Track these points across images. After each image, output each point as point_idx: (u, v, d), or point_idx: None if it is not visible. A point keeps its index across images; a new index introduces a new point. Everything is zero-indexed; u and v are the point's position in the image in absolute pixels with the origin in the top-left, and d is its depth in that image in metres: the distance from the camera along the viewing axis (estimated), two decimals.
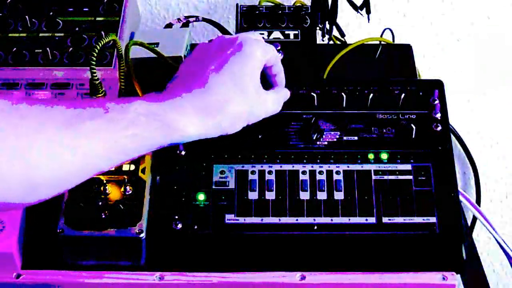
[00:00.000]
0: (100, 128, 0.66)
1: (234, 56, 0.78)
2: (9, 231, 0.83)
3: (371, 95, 0.91)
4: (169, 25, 1.09)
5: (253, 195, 0.85)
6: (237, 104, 0.76)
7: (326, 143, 0.89)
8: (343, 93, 0.91)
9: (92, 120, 0.66)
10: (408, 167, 0.87)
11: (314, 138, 0.88)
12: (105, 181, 0.84)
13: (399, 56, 1.09)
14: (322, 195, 0.85)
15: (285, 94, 0.86)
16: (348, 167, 0.87)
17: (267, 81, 0.85)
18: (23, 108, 0.63)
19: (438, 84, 0.93)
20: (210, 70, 0.77)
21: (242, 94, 0.77)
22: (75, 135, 0.64)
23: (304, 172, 0.86)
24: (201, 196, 0.85)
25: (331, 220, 0.84)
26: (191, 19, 1.11)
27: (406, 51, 1.09)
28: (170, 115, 0.72)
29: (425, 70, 1.28)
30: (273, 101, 0.83)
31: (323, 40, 1.10)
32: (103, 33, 1.00)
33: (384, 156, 0.87)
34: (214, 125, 0.75)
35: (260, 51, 0.80)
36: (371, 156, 0.87)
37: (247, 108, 0.78)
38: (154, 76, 0.96)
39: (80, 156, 0.65)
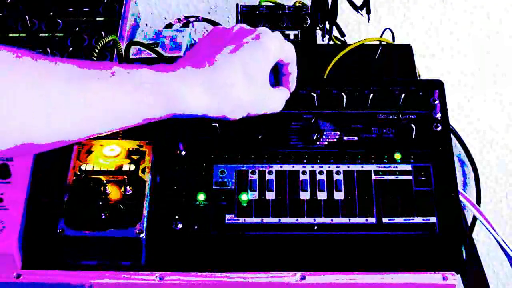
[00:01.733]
0: (103, 90, 0.66)
1: (249, 44, 0.78)
2: (9, 231, 0.83)
3: (371, 95, 0.91)
4: (169, 25, 1.09)
5: (253, 195, 0.85)
6: (242, 91, 0.76)
7: (326, 143, 0.89)
8: (343, 93, 0.91)
9: (97, 81, 0.66)
10: (408, 167, 0.87)
11: (314, 138, 0.88)
12: (105, 181, 0.84)
13: (399, 56, 1.09)
14: (322, 195, 0.85)
15: (287, 94, 0.86)
16: (348, 167, 0.87)
17: (277, 78, 0.85)
18: (27, 61, 0.63)
19: (438, 84, 0.93)
20: (223, 52, 0.76)
21: (248, 82, 0.77)
22: (77, 94, 0.64)
23: (304, 172, 0.86)
24: (201, 196, 0.85)
25: (331, 220, 0.84)
26: (191, 19, 1.11)
27: (406, 51, 1.09)
28: (175, 85, 0.72)
29: (425, 70, 1.28)
30: (276, 99, 0.83)
31: (323, 40, 1.10)
32: (103, 33, 1.00)
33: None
34: (215, 105, 0.75)
35: (276, 45, 0.79)
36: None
37: (251, 98, 0.78)
38: None
39: (78, 115, 0.65)
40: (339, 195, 0.85)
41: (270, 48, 0.79)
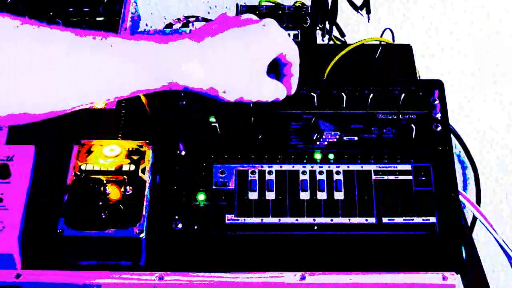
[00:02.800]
0: (101, 60, 0.67)
1: (255, 30, 0.77)
2: (9, 231, 0.83)
3: (371, 95, 0.91)
4: (169, 25, 1.09)
5: (253, 195, 0.85)
6: (239, 71, 0.76)
7: (326, 143, 0.89)
8: (343, 93, 0.91)
9: (96, 51, 0.66)
10: (408, 167, 0.87)
11: (314, 138, 0.88)
12: (105, 181, 0.84)
13: (399, 56, 1.09)
14: (322, 195, 0.85)
15: (283, 90, 0.85)
16: (348, 167, 0.87)
17: (277, 78, 0.85)
18: (27, 29, 0.63)
19: (438, 84, 0.93)
20: (227, 30, 0.76)
21: (247, 64, 0.76)
22: (76, 63, 0.65)
23: (304, 172, 0.86)
24: (201, 196, 0.85)
25: (331, 220, 0.84)
26: (191, 19, 1.11)
27: (406, 51, 1.09)
28: (172, 55, 0.72)
29: (425, 70, 1.28)
30: (271, 90, 0.81)
31: (323, 40, 1.10)
32: None
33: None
34: (211, 80, 0.74)
35: (281, 37, 0.79)
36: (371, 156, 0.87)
37: (246, 80, 0.77)
38: None
39: (75, 84, 0.65)
40: (339, 195, 0.85)
41: (275, 37, 0.78)
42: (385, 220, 0.84)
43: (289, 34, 1.01)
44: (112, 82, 0.68)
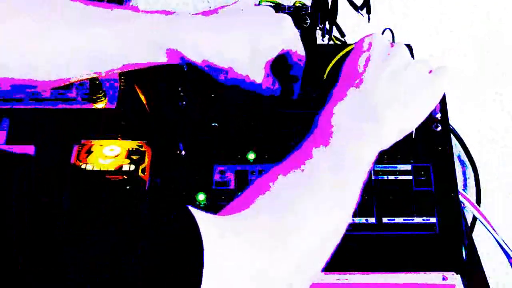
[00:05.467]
0: (104, 35, 0.67)
1: (268, 14, 0.76)
2: None
3: None
4: None
5: None
6: (240, 52, 0.73)
7: None
8: None
9: (101, 26, 0.67)
10: (408, 167, 0.87)
11: None
12: None
13: None
14: None
15: (276, 90, 0.83)
16: None
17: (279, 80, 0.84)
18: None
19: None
20: (237, 9, 0.75)
21: (250, 48, 0.74)
22: (77, 36, 0.66)
23: None
24: (201, 196, 0.85)
25: None
26: None
27: None
28: (176, 23, 0.71)
29: None
30: (268, 82, 0.80)
31: (323, 40, 1.10)
32: None
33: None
34: (209, 51, 0.72)
35: (292, 32, 0.77)
36: None
37: (244, 63, 0.74)
38: (154, 76, 0.96)
39: (80, 53, 0.67)
40: None
41: (287, 32, 0.76)
42: (385, 220, 0.84)
43: None
44: (110, 52, 0.68)
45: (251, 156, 0.86)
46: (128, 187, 0.83)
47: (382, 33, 1.08)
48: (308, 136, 0.66)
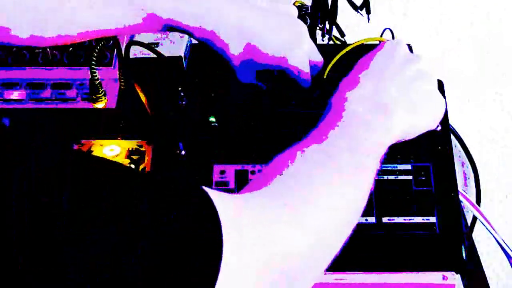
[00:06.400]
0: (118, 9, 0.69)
1: (286, 20, 0.76)
2: None
3: None
4: None
5: None
6: (234, 33, 0.73)
7: None
8: None
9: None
10: (408, 167, 0.87)
11: None
12: None
13: None
14: None
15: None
16: None
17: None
18: None
19: (438, 84, 0.93)
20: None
21: (247, 37, 0.74)
22: (94, 14, 0.68)
23: None
24: None
25: None
26: None
27: None
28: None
29: None
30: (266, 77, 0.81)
31: (323, 40, 1.10)
32: None
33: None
34: (203, 19, 0.72)
35: (304, 35, 0.77)
36: None
37: (238, 43, 0.74)
38: (154, 76, 0.96)
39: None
40: None
41: (294, 52, 0.76)
42: (385, 220, 0.84)
43: None
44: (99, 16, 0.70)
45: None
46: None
47: (382, 34, 1.08)
48: (322, 118, 0.67)
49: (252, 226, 0.54)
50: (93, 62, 0.89)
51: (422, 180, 0.86)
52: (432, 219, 0.84)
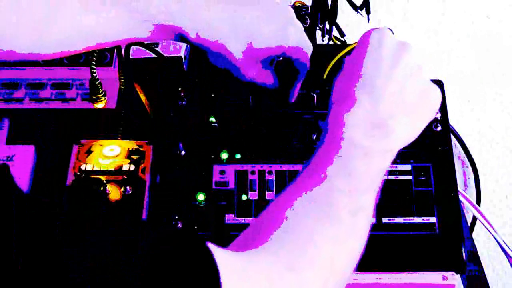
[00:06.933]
0: (115, 15, 0.68)
1: (275, 20, 0.74)
2: None
3: None
4: None
5: (253, 195, 0.85)
6: (237, 32, 0.72)
7: None
8: None
9: (111, 5, 0.68)
10: (408, 167, 0.87)
11: (314, 138, 0.88)
12: (105, 181, 0.84)
13: None
14: None
15: (267, 79, 0.80)
16: None
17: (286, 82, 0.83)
18: None
19: (438, 84, 0.93)
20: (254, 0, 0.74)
21: (249, 35, 0.72)
22: (90, 14, 0.67)
23: None
24: (201, 196, 0.85)
25: None
26: None
27: None
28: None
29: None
30: (262, 76, 0.79)
31: (323, 40, 1.10)
32: None
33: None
34: (213, 27, 0.71)
35: (294, 39, 0.74)
36: None
37: (242, 43, 0.72)
38: (154, 76, 0.96)
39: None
40: None
41: (291, 36, 0.74)
42: (385, 220, 0.84)
43: None
44: (112, 30, 0.69)
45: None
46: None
47: None
48: (320, 145, 0.64)
49: None
50: (93, 62, 0.89)
51: (422, 180, 0.86)
52: (432, 219, 0.84)
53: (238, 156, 0.87)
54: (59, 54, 0.69)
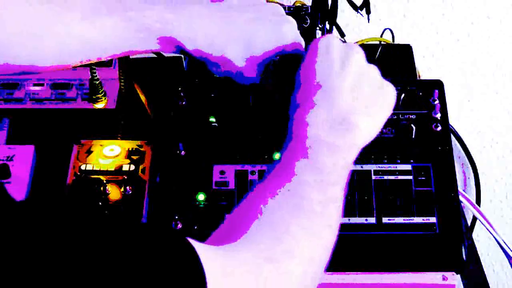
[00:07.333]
0: (115, 26, 0.68)
1: (270, 20, 0.73)
2: None
3: None
4: None
5: None
6: (235, 38, 0.72)
7: None
8: None
9: (111, 16, 0.68)
10: (408, 167, 0.87)
11: None
12: (105, 181, 0.84)
13: (399, 56, 1.09)
14: None
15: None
16: None
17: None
18: None
19: (438, 84, 0.93)
20: (245, 4, 0.73)
21: (246, 39, 0.72)
22: (88, 30, 0.67)
23: None
24: (201, 196, 0.85)
25: None
26: None
27: (406, 51, 1.09)
28: (182, 13, 0.70)
29: (425, 70, 1.28)
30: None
31: None
32: None
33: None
34: (212, 39, 0.71)
35: (290, 37, 0.74)
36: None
37: (241, 48, 0.72)
38: (154, 76, 0.96)
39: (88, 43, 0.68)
40: None
41: (286, 34, 0.74)
42: (385, 220, 0.84)
43: None
44: (113, 42, 0.69)
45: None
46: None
47: (382, 34, 1.08)
48: (285, 147, 0.67)
49: (239, 285, 0.55)
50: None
51: (422, 180, 0.86)
52: (432, 219, 0.84)
53: (238, 156, 0.87)
54: (56, 67, 0.69)
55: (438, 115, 0.90)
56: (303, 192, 0.63)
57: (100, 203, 0.82)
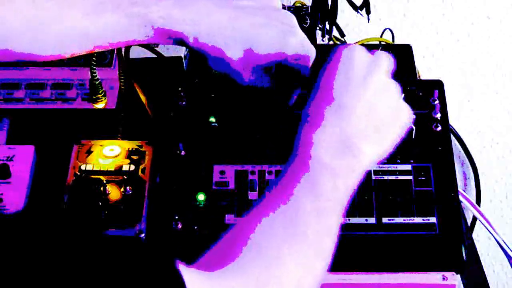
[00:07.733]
0: (118, 21, 0.68)
1: (276, 28, 0.72)
2: None
3: None
4: None
5: (253, 195, 0.85)
6: (236, 39, 0.71)
7: None
8: None
9: (114, 12, 0.68)
10: (408, 167, 0.87)
11: None
12: (105, 181, 0.84)
13: (399, 56, 1.08)
14: None
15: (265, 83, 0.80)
16: None
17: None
18: None
19: (438, 84, 0.93)
20: (257, 7, 0.73)
21: (248, 42, 0.72)
22: (93, 21, 0.67)
23: None
24: (201, 196, 0.85)
25: None
26: None
27: (406, 51, 1.09)
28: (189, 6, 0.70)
29: (425, 70, 1.28)
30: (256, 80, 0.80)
31: (323, 40, 1.10)
32: None
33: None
34: (212, 33, 0.71)
35: (294, 48, 0.74)
36: None
37: (240, 50, 0.72)
38: (154, 76, 0.96)
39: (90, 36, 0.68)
40: None
41: (291, 45, 0.73)
42: (385, 220, 0.84)
43: None
44: (111, 34, 0.69)
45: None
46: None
47: (382, 34, 1.08)
48: (289, 162, 0.65)
49: None
50: (93, 62, 0.89)
51: (422, 180, 0.86)
52: (432, 219, 0.84)
53: (238, 156, 0.87)
54: (56, 57, 0.69)
55: (438, 115, 0.90)
56: (299, 219, 0.61)
57: (100, 203, 0.83)
